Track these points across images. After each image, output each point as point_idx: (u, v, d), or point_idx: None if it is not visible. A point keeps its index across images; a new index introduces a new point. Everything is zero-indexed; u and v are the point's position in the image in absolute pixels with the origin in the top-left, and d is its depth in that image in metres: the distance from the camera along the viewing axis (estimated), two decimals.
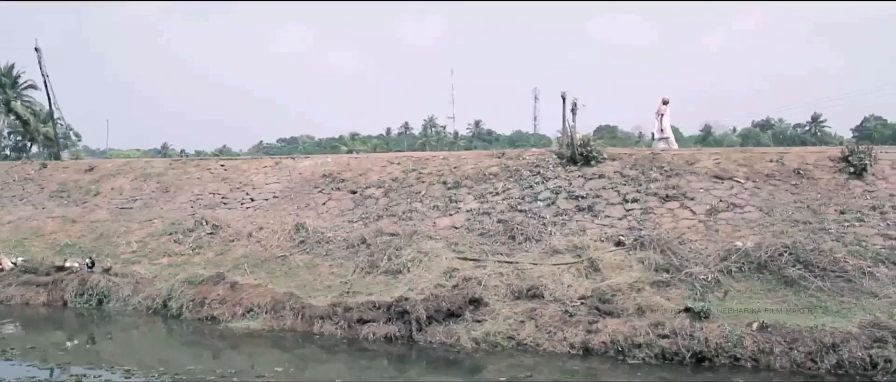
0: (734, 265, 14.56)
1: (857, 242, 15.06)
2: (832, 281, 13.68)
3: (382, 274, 16.30)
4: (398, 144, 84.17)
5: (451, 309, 13.90)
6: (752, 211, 16.86)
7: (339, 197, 20.96)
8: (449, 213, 18.87)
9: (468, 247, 16.87)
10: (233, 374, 11.71)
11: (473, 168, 20.72)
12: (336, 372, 12.27)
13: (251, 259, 18.08)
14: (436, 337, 13.56)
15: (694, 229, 16.51)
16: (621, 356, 12.36)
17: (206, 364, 12.86)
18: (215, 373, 11.80)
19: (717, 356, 11.91)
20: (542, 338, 13.03)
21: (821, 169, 18.01)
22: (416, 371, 12.63)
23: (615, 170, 19.16)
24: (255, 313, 15.24)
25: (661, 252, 15.28)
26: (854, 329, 11.81)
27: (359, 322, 14.22)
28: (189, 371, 11.99)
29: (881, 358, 11.19)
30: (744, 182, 17.96)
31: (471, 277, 14.93)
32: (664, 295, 13.93)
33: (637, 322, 12.85)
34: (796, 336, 11.82)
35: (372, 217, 19.37)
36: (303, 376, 11.94)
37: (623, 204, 17.83)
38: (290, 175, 23.07)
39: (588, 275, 14.93)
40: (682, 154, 20.35)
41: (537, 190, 19.00)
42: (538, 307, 13.82)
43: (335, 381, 11.89)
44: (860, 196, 16.80)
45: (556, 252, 16.08)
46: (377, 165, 22.37)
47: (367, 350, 13.50)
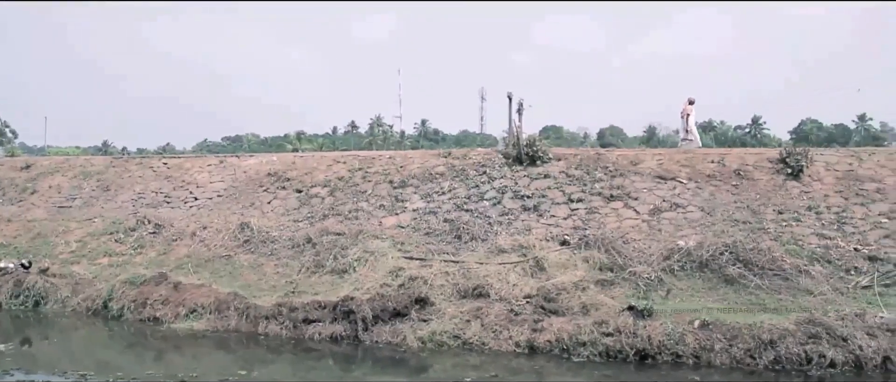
0: (676, 264, 14.82)
1: (793, 241, 15.45)
2: (770, 280, 14.01)
3: (328, 273, 16.20)
4: (345, 143, 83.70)
5: (397, 309, 13.89)
6: (694, 210, 17.17)
7: (284, 197, 20.77)
8: (395, 213, 18.84)
9: (414, 247, 16.87)
10: (176, 376, 11.52)
11: (420, 167, 20.72)
12: (281, 373, 12.16)
13: (195, 258, 17.82)
14: (382, 337, 13.54)
15: (637, 228, 16.74)
16: (566, 354, 12.47)
17: (148, 366, 12.64)
18: (158, 375, 11.61)
19: (660, 353, 12.11)
20: (488, 337, 13.09)
21: (760, 170, 18.44)
22: (361, 371, 12.58)
23: (560, 170, 19.33)
24: (198, 313, 15.04)
25: (605, 251, 15.47)
26: (791, 326, 12.14)
27: (304, 322, 14.13)
28: (131, 374, 11.77)
29: (816, 354, 11.56)
30: (686, 182, 18.28)
31: (417, 276, 14.92)
32: (608, 293, 14.10)
33: (582, 320, 13.00)
34: (736, 333, 12.09)
35: (318, 216, 19.24)
36: (248, 377, 11.78)
37: (568, 204, 18.00)
38: (234, 173, 22.79)
39: (533, 274, 15.04)
40: (625, 154, 20.62)
41: (483, 189, 19.08)
42: (484, 306, 13.88)
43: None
44: (797, 196, 17.24)
45: (502, 251, 16.16)
46: (323, 164, 22.22)
47: (313, 350, 13.41)
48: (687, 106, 24.08)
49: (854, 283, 13.98)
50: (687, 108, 24.06)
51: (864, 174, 17.86)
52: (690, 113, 24.06)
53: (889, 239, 15.44)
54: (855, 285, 13.92)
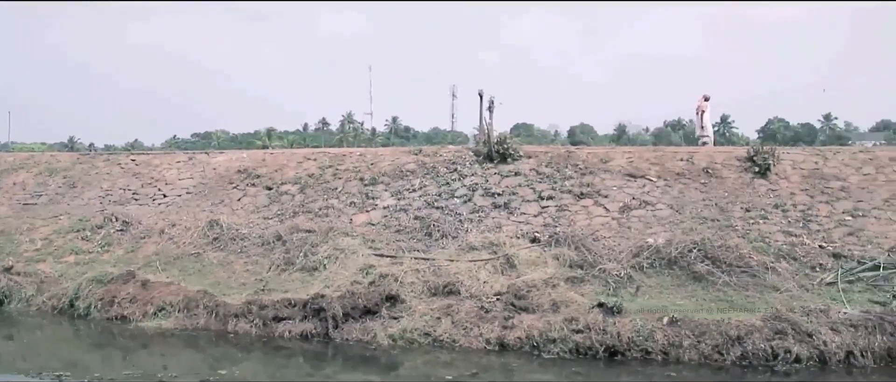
0: (646, 261, 14.93)
1: (761, 239, 15.63)
2: (738, 276, 14.15)
3: (298, 271, 16.12)
4: (315, 140, 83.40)
5: (368, 307, 13.86)
6: (664, 208, 17.31)
7: (254, 194, 20.64)
8: (366, 210, 18.79)
9: (385, 244, 16.83)
10: (144, 376, 11.40)
11: (390, 164, 20.69)
12: (251, 371, 12.09)
13: (163, 256, 17.64)
14: (352, 335, 13.50)
15: (607, 226, 16.84)
16: (536, 351, 12.53)
17: (115, 365, 12.52)
18: (125, 375, 11.48)
19: (629, 350, 12.21)
20: (459, 334, 13.11)
21: (728, 168, 18.63)
22: (332, 369, 12.55)
23: (531, 168, 19.40)
24: (167, 312, 14.88)
25: (575, 248, 15.53)
26: (757, 322, 12.30)
27: (274, 320, 14.05)
28: (97, 373, 11.65)
29: (782, 349, 11.74)
30: (655, 180, 18.42)
31: (387, 274, 14.89)
32: (578, 290, 14.17)
33: (552, 317, 13.06)
34: (704, 330, 12.22)
35: (288, 213, 19.13)
36: (217, 376, 11.69)
37: (538, 202, 18.06)
38: (203, 170, 22.60)
39: (504, 272, 15.08)
40: (596, 152, 20.73)
41: (454, 187, 19.09)
42: (454, 303, 13.89)
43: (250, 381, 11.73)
44: (764, 194, 17.46)
45: (473, 248, 16.17)
46: (293, 161, 22.10)
47: (283, 349, 13.35)
48: (702, 102, 23.97)
49: (819, 280, 14.17)
50: (702, 105, 23.94)
51: (829, 172, 18.12)
52: (705, 109, 23.95)
53: (853, 236, 15.69)
54: (820, 281, 14.12)
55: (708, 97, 23.93)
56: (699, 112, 23.99)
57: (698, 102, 24.07)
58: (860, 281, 14.05)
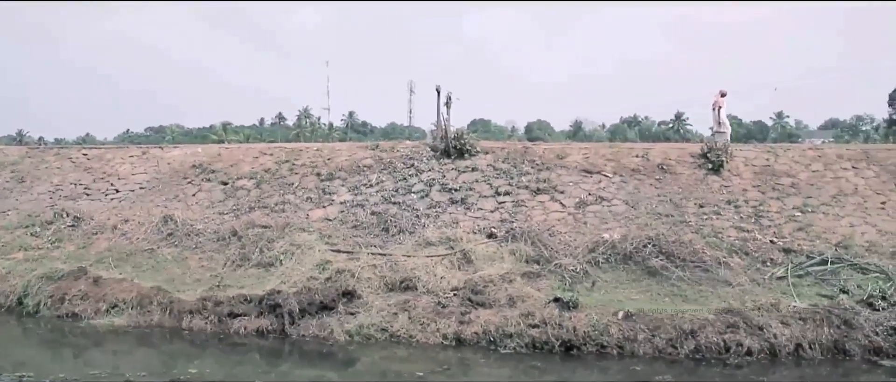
0: (601, 256, 15.07)
1: (714, 234, 15.88)
2: (691, 271, 14.36)
3: (254, 267, 15.98)
4: (272, 135, 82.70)
5: (325, 302, 13.80)
6: (619, 204, 17.48)
7: (209, 189, 20.39)
8: (322, 205, 18.69)
9: (341, 239, 16.76)
10: (96, 374, 11.19)
11: (347, 160, 20.60)
12: (206, 368, 11.92)
13: (116, 252, 17.34)
14: (309, 331, 13.44)
15: (563, 221, 16.96)
16: (493, 346, 12.59)
17: (66, 364, 12.29)
18: (77, 374, 11.26)
19: (585, 344, 12.33)
20: (416, 330, 13.11)
21: (682, 164, 18.88)
22: (288, 365, 12.45)
23: (488, 163, 19.45)
24: (120, 309, 14.65)
25: (531, 243, 15.62)
26: (710, 316, 12.54)
27: (230, 317, 13.93)
28: (47, 373, 11.39)
29: (734, 342, 12.01)
30: (611, 176, 18.60)
31: (344, 269, 14.84)
32: (535, 285, 14.25)
33: (508, 312, 13.12)
34: (658, 324, 12.40)
35: (243, 209, 18.94)
36: (171, 373, 11.53)
37: (495, 197, 18.12)
38: (158, 165, 22.27)
39: (461, 267, 15.11)
40: (552, 148, 20.86)
41: (411, 182, 19.06)
42: (411, 298, 13.90)
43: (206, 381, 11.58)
44: (717, 190, 17.73)
45: (430, 244, 16.18)
46: (249, 156, 21.89)
47: (239, 345, 13.22)
48: (719, 98, 24.00)
49: (770, 274, 14.44)
50: (719, 100, 23.97)
51: (780, 169, 18.47)
52: (722, 105, 24.00)
53: (802, 231, 16.02)
54: (770, 276, 14.39)
55: (725, 92, 23.96)
56: (716, 107, 23.97)
57: (715, 98, 24.08)
58: (809, 275, 14.36)
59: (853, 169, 18.49)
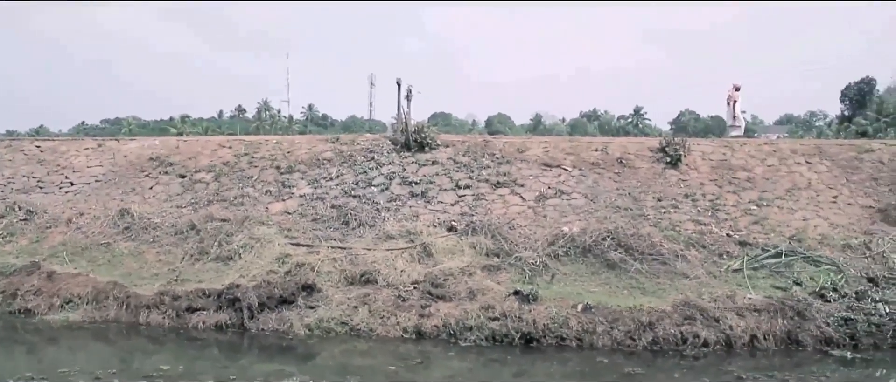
0: (561, 249, 15.17)
1: (671, 227, 16.07)
2: (650, 264, 14.53)
3: (213, 260, 15.81)
4: (231, 128, 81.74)
5: (284, 296, 13.71)
6: (578, 197, 17.60)
7: (166, 182, 20.12)
8: (282, 199, 18.55)
9: (301, 233, 16.66)
10: (50, 371, 10.97)
11: (307, 153, 20.46)
12: (164, 363, 11.72)
13: (71, 246, 17.04)
14: (268, 325, 13.34)
15: (523, 215, 17.03)
16: (453, 339, 12.61)
17: (18, 361, 12.02)
18: (30, 370, 11.02)
19: (545, 337, 12.41)
20: (376, 323, 13.09)
21: (641, 158, 19.07)
22: (248, 360, 12.32)
23: (448, 157, 19.46)
24: (75, 304, 14.39)
25: (491, 237, 15.67)
26: (668, 309, 12.73)
27: (188, 311, 13.76)
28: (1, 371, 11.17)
29: (691, 334, 12.19)
30: (571, 170, 18.71)
31: (304, 263, 14.76)
32: (495, 278, 14.31)
33: (468, 305, 13.16)
34: (617, 316, 12.53)
35: (202, 202, 18.72)
36: (129, 369, 11.35)
37: (455, 190, 18.14)
38: (114, 158, 21.90)
39: (421, 260, 15.11)
40: (512, 142, 20.93)
41: (371, 175, 19.00)
42: (371, 292, 13.87)
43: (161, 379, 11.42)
44: (675, 184, 17.94)
45: (390, 237, 16.15)
46: (208, 149, 21.64)
47: (197, 340, 13.07)
48: (733, 92, 24.03)
49: (726, 267, 14.67)
50: (733, 94, 24.01)
51: (737, 163, 18.74)
52: (737, 99, 24.05)
53: (758, 225, 16.28)
54: (727, 268, 14.62)
55: (739, 87, 24.07)
56: (731, 102, 24.09)
57: (729, 92, 24.17)
58: (764, 267, 14.61)
59: (807, 163, 18.83)
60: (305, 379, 10.50)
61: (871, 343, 12.39)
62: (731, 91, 23.93)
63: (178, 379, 10.67)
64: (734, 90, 23.89)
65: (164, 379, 10.63)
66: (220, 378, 10.71)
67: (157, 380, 10.55)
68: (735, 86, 24.10)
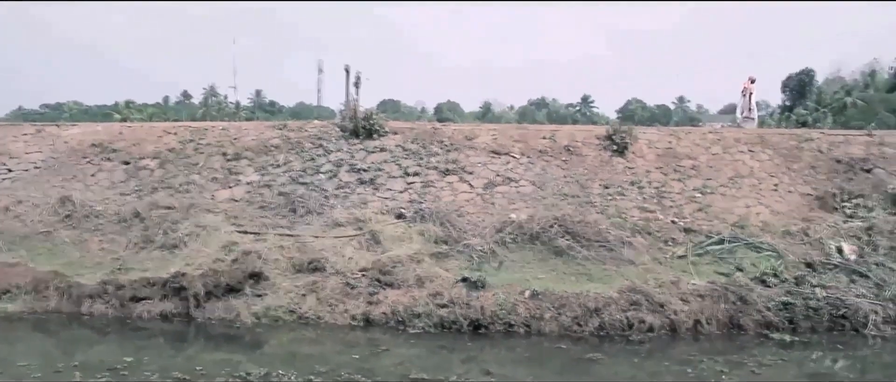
0: (509, 236, 15.25)
1: (618, 214, 16.28)
2: (596, 251, 14.69)
3: (158, 249, 15.54)
4: (177, 113, 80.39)
5: (231, 284, 13.57)
6: (527, 185, 17.71)
7: (110, 169, 19.70)
8: (228, 186, 18.32)
9: (248, 220, 16.48)
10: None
11: (254, 139, 20.23)
12: (108, 354, 11.51)
13: (8, 235, 16.57)
14: (215, 313, 13.20)
15: (472, 202, 17.09)
16: (402, 326, 12.64)
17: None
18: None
19: (493, 323, 12.51)
20: (324, 311, 13.05)
21: (588, 146, 19.24)
22: (194, 349, 12.19)
23: (397, 144, 19.41)
24: (13, 294, 14.01)
25: (440, 224, 15.70)
26: (614, 294, 12.92)
27: (132, 301, 13.54)
28: None
29: (636, 319, 12.44)
30: (519, 157, 18.81)
31: (251, 251, 14.58)
32: (443, 265, 14.35)
33: (417, 292, 13.19)
34: (564, 302, 12.68)
35: (146, 189, 18.39)
36: (70, 360, 11.10)
37: (404, 178, 18.11)
38: (54, 144, 21.36)
39: (369, 248, 15.08)
40: (461, 129, 20.93)
41: (319, 162, 18.86)
42: (320, 280, 13.81)
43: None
44: (622, 172, 18.16)
45: (338, 224, 16.08)
46: (152, 135, 21.23)
47: (142, 329, 12.87)
48: (749, 84, 24.12)
49: (671, 253, 14.93)
50: (749, 86, 24.10)
51: (682, 152, 19.03)
52: (752, 91, 24.16)
53: (702, 212, 16.59)
54: (671, 255, 14.88)
55: (754, 79, 24.24)
56: (746, 93, 24.20)
57: (744, 84, 24.31)
58: (707, 253, 14.90)
59: (749, 152, 19.19)
60: (253, 368, 10.41)
61: (809, 326, 12.83)
62: (747, 83, 24.27)
63: (122, 370, 10.48)
64: (750, 82, 24.24)
65: (107, 370, 10.43)
66: (165, 368, 10.55)
67: (100, 371, 10.35)
68: (750, 78, 24.46)
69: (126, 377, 10.15)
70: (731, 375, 10.38)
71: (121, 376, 10.18)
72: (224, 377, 10.10)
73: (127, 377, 10.15)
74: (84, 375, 10.11)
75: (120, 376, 10.18)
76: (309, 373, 10.11)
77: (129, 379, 10.09)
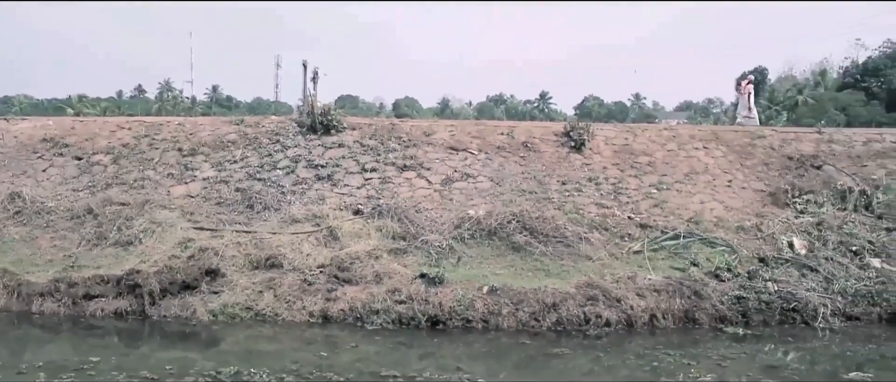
0: (467, 232, 15.28)
1: (575, 210, 16.39)
2: (554, 246, 14.78)
3: (112, 246, 15.29)
4: (131, 108, 79.11)
5: (187, 281, 13.41)
6: (484, 181, 17.76)
7: (62, 164, 19.33)
8: (184, 182, 18.09)
9: (204, 217, 16.29)
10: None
11: (211, 135, 20.00)
12: (60, 353, 11.30)
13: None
14: (170, 311, 13.02)
15: (430, 198, 17.09)
16: (360, 322, 12.60)
17: None
18: None
19: (451, 319, 12.51)
20: (282, 308, 12.96)
21: (546, 142, 19.35)
22: (149, 347, 12.00)
23: (355, 140, 19.33)
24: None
25: (398, 220, 15.66)
26: (571, 290, 13.02)
27: (85, 298, 13.29)
28: None
29: (593, 314, 12.53)
30: (477, 153, 18.85)
31: (207, 247, 14.42)
32: (401, 262, 14.32)
33: (375, 289, 13.15)
34: (522, 298, 12.73)
35: (100, 185, 18.07)
36: (20, 360, 10.85)
37: (362, 174, 18.05)
38: (2, 138, 20.89)
39: (327, 244, 14.99)
40: (419, 125, 20.93)
41: (277, 158, 18.71)
42: (277, 276, 13.70)
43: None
44: (579, 168, 18.30)
45: (296, 221, 15.97)
46: (106, 130, 20.87)
47: (96, 328, 12.65)
48: (746, 84, 24.36)
49: (627, 249, 15.07)
50: (747, 87, 24.32)
51: (638, 148, 19.24)
52: (751, 91, 24.37)
53: (658, 208, 16.78)
54: (628, 250, 15.02)
55: (751, 80, 24.66)
56: (745, 93, 24.42)
57: (743, 84, 24.58)
58: (663, 249, 15.09)
59: (704, 148, 19.47)
60: (209, 366, 10.30)
61: (761, 319, 13.06)
62: (744, 84, 24.64)
63: (73, 368, 10.29)
64: (747, 83, 24.63)
65: (58, 369, 10.24)
66: (119, 367, 10.39)
67: (51, 371, 10.16)
68: (748, 79, 24.90)
69: (74, 377, 9.92)
70: (699, 369, 10.47)
71: (74, 375, 9.97)
72: (177, 375, 9.97)
73: (75, 378, 9.92)
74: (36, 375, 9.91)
75: (72, 375, 9.97)
76: (266, 370, 10.01)
77: (82, 379, 9.90)
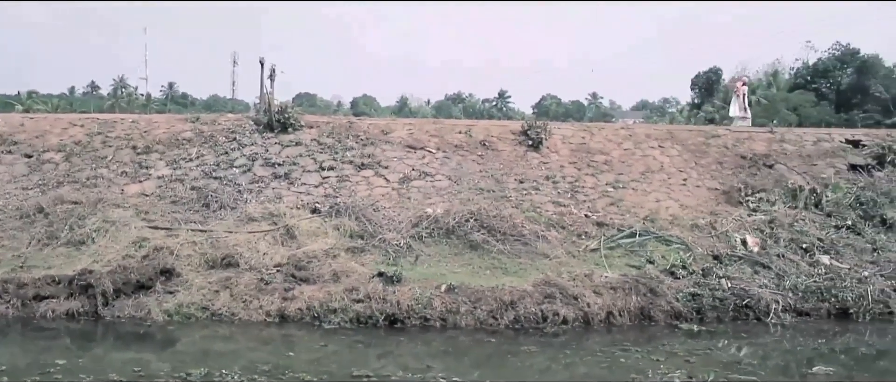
0: (425, 231, 15.28)
1: (533, 209, 16.49)
2: (512, 245, 14.86)
3: (63, 245, 15.00)
4: (84, 105, 77.70)
5: (141, 281, 13.20)
6: (442, 179, 17.78)
7: (10, 162, 18.91)
8: (138, 180, 17.81)
9: (159, 216, 16.07)
10: None
11: (166, 132, 19.72)
12: (8, 356, 11.05)
13: None
14: (124, 311, 12.80)
15: (388, 197, 17.06)
16: (317, 321, 12.53)
17: None
18: None
19: (409, 317, 12.51)
20: (238, 307, 12.83)
21: (504, 141, 19.44)
22: (102, 349, 11.81)
23: (312, 138, 19.21)
24: None
25: (356, 218, 15.62)
26: (529, 288, 13.09)
27: (35, 300, 13.00)
28: None
29: (551, 312, 12.62)
30: (435, 152, 18.86)
31: (162, 247, 14.23)
32: (359, 260, 14.29)
33: (332, 287, 13.09)
34: (480, 296, 12.77)
35: (51, 183, 17.71)
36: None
37: (319, 172, 17.95)
38: None
39: (284, 243, 14.89)
40: (377, 123, 20.88)
41: (233, 156, 18.53)
42: (233, 276, 13.57)
43: None
44: (536, 166, 18.41)
45: (252, 219, 15.82)
46: (57, 127, 20.46)
47: (46, 329, 12.38)
48: (740, 85, 24.54)
49: (584, 247, 15.21)
50: (740, 88, 24.49)
51: (595, 147, 19.41)
52: (744, 92, 24.54)
53: (614, 206, 16.96)
54: (585, 248, 15.16)
55: (745, 81, 24.97)
56: (740, 94, 24.60)
57: (737, 86, 24.84)
58: (620, 247, 15.25)
59: (660, 147, 19.72)
60: (164, 366, 10.18)
61: (715, 316, 13.29)
62: (739, 84, 24.99)
63: (21, 372, 10.10)
64: (741, 84, 24.97)
65: (22, 372, 10.05)
66: (71, 369, 10.20)
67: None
68: (742, 80, 25.28)
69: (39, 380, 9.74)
70: (668, 364, 10.62)
71: (39, 378, 9.78)
72: (131, 376, 9.83)
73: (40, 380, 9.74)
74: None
75: (37, 378, 9.78)
76: (221, 370, 9.90)
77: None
